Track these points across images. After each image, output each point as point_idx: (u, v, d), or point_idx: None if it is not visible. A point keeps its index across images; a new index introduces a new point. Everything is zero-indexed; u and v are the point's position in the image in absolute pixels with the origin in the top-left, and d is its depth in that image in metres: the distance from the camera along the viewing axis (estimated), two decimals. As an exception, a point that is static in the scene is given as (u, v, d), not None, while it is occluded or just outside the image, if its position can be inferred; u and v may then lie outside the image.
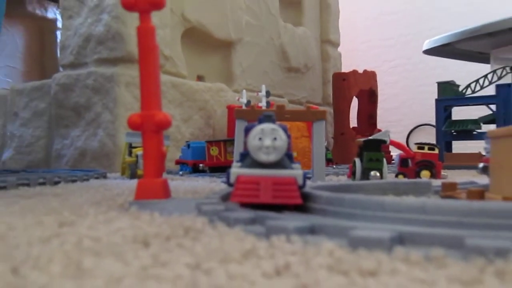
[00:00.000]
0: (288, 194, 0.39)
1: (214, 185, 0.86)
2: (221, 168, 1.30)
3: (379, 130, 2.15)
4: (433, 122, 2.15)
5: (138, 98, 0.94)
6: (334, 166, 1.68)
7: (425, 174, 1.03)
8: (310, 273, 0.22)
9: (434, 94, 2.07)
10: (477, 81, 1.98)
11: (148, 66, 0.54)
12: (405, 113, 3.33)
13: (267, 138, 0.40)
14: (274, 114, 0.42)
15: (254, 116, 0.93)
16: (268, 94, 1.59)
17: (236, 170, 0.41)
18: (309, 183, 0.49)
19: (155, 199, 0.51)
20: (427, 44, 2.38)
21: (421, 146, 1.07)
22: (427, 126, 3.15)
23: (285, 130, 0.41)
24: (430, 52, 2.43)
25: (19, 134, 1.77)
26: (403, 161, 1.06)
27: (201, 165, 1.33)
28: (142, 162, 0.61)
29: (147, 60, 0.54)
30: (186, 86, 1.73)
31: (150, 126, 0.53)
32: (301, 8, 2.57)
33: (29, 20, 2.57)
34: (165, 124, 0.53)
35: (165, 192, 0.53)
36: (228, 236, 0.32)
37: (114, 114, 1.49)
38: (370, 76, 2.46)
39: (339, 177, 1.16)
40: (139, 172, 1.06)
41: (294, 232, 0.30)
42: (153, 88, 0.54)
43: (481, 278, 0.21)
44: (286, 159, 0.41)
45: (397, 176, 1.04)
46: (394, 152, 1.53)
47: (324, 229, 0.31)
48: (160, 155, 0.54)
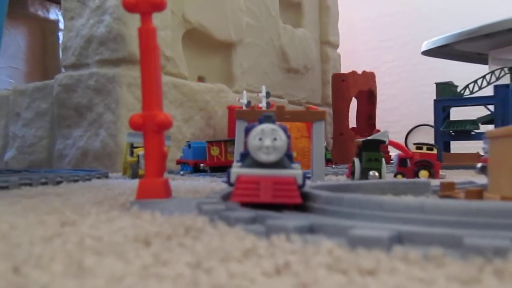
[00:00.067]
0: (288, 194, 0.39)
1: (214, 184, 0.86)
2: (221, 168, 1.30)
3: (378, 131, 2.15)
4: (431, 123, 2.15)
5: (139, 99, 0.94)
6: (333, 166, 1.68)
7: (423, 174, 1.03)
8: (310, 272, 0.22)
9: (432, 95, 2.07)
10: (475, 81, 1.98)
11: (149, 67, 0.54)
12: (403, 113, 3.32)
13: (267, 138, 0.40)
14: (274, 115, 0.43)
15: (254, 116, 0.93)
16: (268, 95, 1.60)
17: (236, 170, 0.41)
18: (308, 183, 0.49)
19: (156, 199, 0.52)
20: (426, 45, 2.38)
21: (419, 146, 1.07)
22: (426, 126, 3.14)
23: (285, 130, 0.41)
24: (428, 53, 2.43)
25: (22, 134, 1.77)
26: (402, 161, 1.06)
27: (202, 165, 1.34)
28: (143, 162, 0.62)
29: (148, 61, 0.54)
30: (187, 86, 1.73)
31: (151, 126, 0.53)
32: (300, 9, 2.57)
33: (31, 21, 2.57)
34: (166, 124, 0.54)
35: (166, 191, 0.54)
36: (228, 235, 0.32)
37: (116, 114, 1.49)
38: (369, 77, 2.46)
39: (338, 177, 1.16)
40: (141, 172, 1.06)
41: (293, 231, 0.30)
42: (154, 88, 0.54)
43: (479, 277, 0.21)
44: (286, 159, 0.42)
45: (395, 176, 1.04)
46: (393, 152, 1.53)
47: (323, 228, 0.31)
48: (161, 155, 0.54)
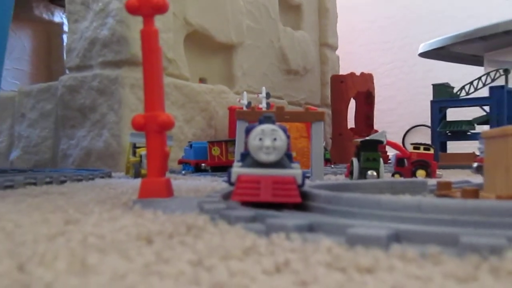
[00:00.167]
0: (287, 193, 0.40)
1: (215, 184, 0.86)
2: (222, 167, 1.30)
3: (376, 131, 2.14)
4: (428, 123, 2.15)
5: (142, 100, 0.94)
6: (332, 166, 1.68)
7: (420, 173, 1.03)
8: (309, 270, 0.23)
9: (429, 96, 2.07)
10: (471, 83, 1.98)
11: (151, 68, 0.54)
12: (401, 114, 3.33)
13: (267, 139, 0.40)
14: (274, 115, 0.43)
15: (254, 117, 0.93)
16: (268, 96, 1.60)
17: (237, 169, 0.41)
18: (308, 182, 0.49)
19: (158, 198, 0.52)
20: (423, 47, 2.39)
21: (416, 146, 1.08)
22: (423, 127, 3.15)
23: (284, 130, 0.41)
24: (425, 55, 2.44)
25: (27, 134, 1.77)
26: (399, 160, 1.06)
27: (203, 164, 1.34)
28: (145, 162, 0.62)
29: (151, 62, 0.54)
30: (189, 88, 1.74)
31: (153, 126, 0.54)
32: (300, 12, 2.58)
33: (36, 24, 2.59)
34: (168, 124, 0.54)
35: (168, 191, 0.54)
36: (229, 233, 0.32)
37: (119, 115, 1.50)
38: (367, 78, 2.46)
39: (337, 176, 1.16)
40: (143, 171, 1.06)
41: (293, 230, 0.31)
42: (156, 89, 0.54)
43: (476, 275, 0.21)
44: (286, 159, 0.42)
45: (393, 175, 1.05)
46: (391, 152, 1.54)
47: (322, 227, 0.31)
48: (163, 155, 0.55)
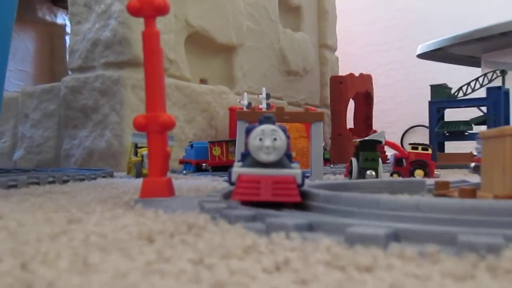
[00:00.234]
0: (287, 193, 0.40)
1: (216, 183, 0.87)
2: (223, 167, 1.30)
3: (375, 131, 2.14)
4: (426, 124, 2.16)
5: (143, 100, 0.94)
6: (332, 166, 1.68)
7: (419, 173, 1.03)
8: (309, 268, 0.23)
9: (427, 97, 2.07)
10: (468, 84, 1.98)
11: (153, 69, 0.54)
12: (399, 114, 3.33)
13: (267, 139, 0.40)
14: (274, 116, 0.43)
15: (254, 117, 0.93)
16: (268, 97, 1.60)
17: (237, 169, 0.42)
18: (307, 182, 0.49)
19: (160, 197, 0.52)
20: (421, 48, 2.39)
21: (415, 146, 1.08)
22: (421, 127, 3.16)
23: (284, 131, 0.41)
24: (423, 56, 2.44)
25: (30, 134, 1.78)
26: (398, 160, 1.06)
27: (204, 164, 1.34)
28: (147, 162, 0.62)
29: (152, 63, 0.54)
30: (190, 88, 1.74)
31: (155, 127, 0.54)
32: (300, 14, 2.58)
33: (39, 25, 2.60)
34: (169, 125, 0.54)
35: (169, 190, 0.54)
36: (229, 232, 0.32)
37: (121, 115, 1.50)
38: (366, 79, 2.47)
39: (336, 176, 1.16)
40: (145, 171, 1.06)
41: (293, 229, 0.31)
42: (157, 90, 0.55)
43: (473, 273, 0.21)
44: (286, 159, 0.42)
45: (392, 175, 1.05)
46: (389, 152, 1.53)
47: (322, 226, 0.32)
48: (164, 155, 0.55)
